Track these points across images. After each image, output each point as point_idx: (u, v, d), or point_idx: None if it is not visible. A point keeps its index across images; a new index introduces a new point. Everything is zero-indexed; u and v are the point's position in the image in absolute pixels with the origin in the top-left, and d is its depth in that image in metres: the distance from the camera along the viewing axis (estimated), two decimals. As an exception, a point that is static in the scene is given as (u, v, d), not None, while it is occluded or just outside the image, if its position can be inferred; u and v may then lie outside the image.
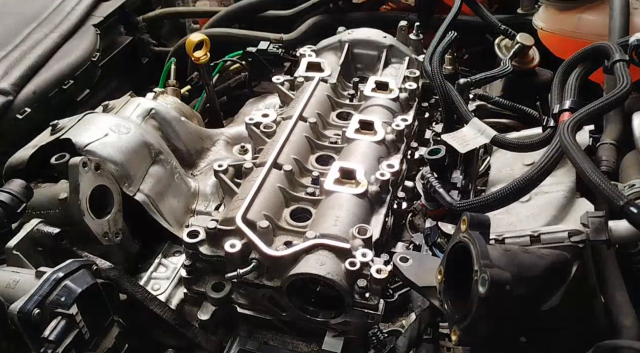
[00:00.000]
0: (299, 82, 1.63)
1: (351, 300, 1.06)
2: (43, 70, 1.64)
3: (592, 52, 1.27)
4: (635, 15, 1.44)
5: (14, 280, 1.03)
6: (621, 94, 1.11)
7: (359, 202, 1.20)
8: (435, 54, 1.55)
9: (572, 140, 1.03)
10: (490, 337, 0.95)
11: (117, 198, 1.31)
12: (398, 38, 1.81)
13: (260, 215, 1.16)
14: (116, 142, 1.39)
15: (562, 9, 1.62)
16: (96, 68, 1.81)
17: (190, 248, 1.15)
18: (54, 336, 0.95)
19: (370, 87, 1.57)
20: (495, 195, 1.11)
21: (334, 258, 1.08)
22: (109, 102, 1.59)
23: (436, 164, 1.34)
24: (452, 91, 1.47)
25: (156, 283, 1.36)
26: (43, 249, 1.17)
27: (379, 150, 1.36)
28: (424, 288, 1.06)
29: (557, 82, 1.28)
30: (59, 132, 1.39)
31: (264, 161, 1.28)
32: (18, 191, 1.15)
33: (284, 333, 1.17)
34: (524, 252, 0.95)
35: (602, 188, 0.93)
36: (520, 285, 0.88)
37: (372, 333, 1.13)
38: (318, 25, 2.19)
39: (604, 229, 0.97)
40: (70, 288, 0.99)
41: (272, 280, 1.10)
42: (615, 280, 1.03)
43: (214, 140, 1.75)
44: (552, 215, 1.11)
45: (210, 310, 1.15)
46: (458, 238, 0.96)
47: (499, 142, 1.32)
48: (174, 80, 2.03)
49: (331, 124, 1.51)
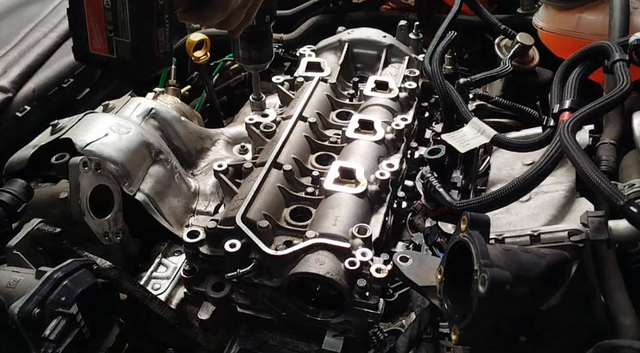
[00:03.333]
0: (298, 82, 1.63)
1: (351, 299, 1.07)
2: (42, 68, 1.64)
3: (592, 52, 1.27)
4: (635, 15, 1.44)
5: (14, 279, 1.03)
6: (621, 93, 1.11)
7: (358, 202, 1.20)
8: (435, 53, 1.55)
9: (572, 140, 1.03)
10: (490, 337, 0.95)
11: (117, 198, 1.32)
12: (398, 38, 1.81)
13: (260, 215, 1.16)
14: (116, 142, 1.39)
15: (562, 8, 1.62)
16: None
17: (190, 248, 1.15)
18: (54, 336, 0.95)
19: (370, 86, 1.57)
20: (495, 195, 1.11)
21: (333, 257, 1.08)
22: (109, 102, 1.59)
23: (436, 163, 1.34)
24: (452, 91, 1.47)
25: (156, 283, 1.36)
26: (43, 249, 1.17)
27: (378, 149, 1.36)
28: (424, 287, 1.06)
29: (557, 82, 1.28)
30: (59, 132, 1.39)
31: (264, 161, 1.28)
32: (18, 191, 1.15)
33: (284, 333, 1.18)
34: (523, 252, 0.95)
35: (602, 188, 0.93)
36: (520, 284, 0.88)
37: (372, 333, 1.13)
38: (318, 25, 2.20)
39: (603, 229, 0.96)
40: (71, 288, 0.99)
41: (272, 280, 1.10)
42: (615, 279, 1.03)
43: (214, 140, 1.75)
44: (552, 215, 1.11)
45: (210, 310, 1.15)
46: (458, 237, 0.96)
47: (499, 142, 1.32)
48: (174, 80, 2.03)
49: (331, 124, 1.51)
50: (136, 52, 0.82)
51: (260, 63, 1.35)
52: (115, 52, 0.82)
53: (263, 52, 1.33)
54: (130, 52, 0.82)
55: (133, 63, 0.83)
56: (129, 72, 0.86)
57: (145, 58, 0.84)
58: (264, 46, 1.32)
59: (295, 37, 2.15)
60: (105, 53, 0.83)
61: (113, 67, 0.85)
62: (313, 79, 1.59)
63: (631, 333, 0.97)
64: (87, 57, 0.85)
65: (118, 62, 0.83)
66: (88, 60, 0.85)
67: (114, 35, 0.81)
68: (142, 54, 0.83)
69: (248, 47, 1.31)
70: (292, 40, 2.14)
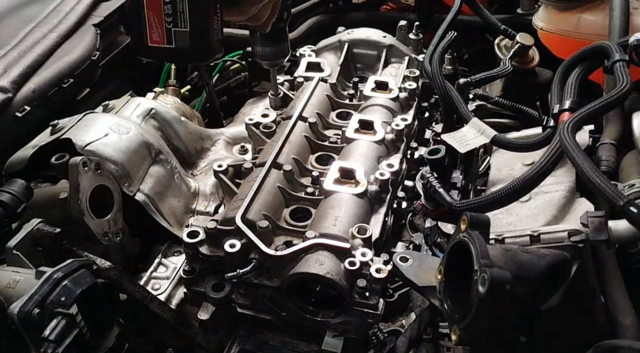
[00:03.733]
0: (298, 82, 1.63)
1: (351, 299, 1.06)
2: (42, 68, 1.64)
3: (592, 52, 1.27)
4: (635, 15, 1.44)
5: (14, 280, 1.03)
6: (621, 94, 1.11)
7: (358, 202, 1.20)
8: (435, 53, 1.55)
9: (572, 140, 1.03)
10: (490, 337, 0.95)
11: (117, 198, 1.32)
12: (398, 38, 1.81)
13: (260, 215, 1.16)
14: (116, 142, 1.39)
15: (562, 9, 1.62)
16: (96, 67, 1.81)
17: (190, 248, 1.15)
18: (54, 336, 0.95)
19: (370, 86, 1.57)
20: (495, 195, 1.11)
21: (333, 258, 1.08)
22: (109, 102, 1.59)
23: (436, 163, 1.34)
24: (452, 91, 1.47)
25: (156, 283, 1.36)
26: (43, 249, 1.17)
27: (378, 149, 1.36)
28: (424, 288, 1.06)
29: (557, 82, 1.28)
30: (59, 132, 1.39)
31: (264, 161, 1.28)
32: (18, 191, 1.15)
33: (284, 333, 1.17)
34: (523, 252, 0.95)
35: (602, 188, 0.93)
36: (520, 284, 0.88)
37: (372, 333, 1.13)
38: (318, 25, 2.20)
39: (603, 229, 0.97)
40: (71, 288, 0.99)
41: (272, 280, 1.10)
42: (615, 280, 1.03)
43: (214, 140, 1.75)
44: (552, 215, 1.11)
45: (210, 310, 1.15)
46: (458, 238, 0.96)
47: (499, 142, 1.32)
48: (174, 80, 2.03)
49: (331, 124, 1.51)
50: (195, 39, 0.91)
51: (277, 59, 1.40)
52: (175, 42, 0.91)
53: (279, 49, 1.38)
54: (189, 40, 0.91)
55: (192, 50, 0.92)
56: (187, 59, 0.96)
57: (203, 45, 0.93)
58: (280, 42, 1.38)
59: (295, 38, 2.15)
60: (163, 44, 0.92)
61: (171, 57, 0.96)
62: (313, 79, 1.59)
63: (631, 333, 0.97)
64: (145, 51, 0.94)
65: (176, 51, 0.92)
66: (146, 53, 0.94)
67: (172, 26, 0.90)
68: (200, 41, 0.92)
69: (265, 44, 1.35)
70: (292, 41, 2.12)
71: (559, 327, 0.98)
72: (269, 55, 1.39)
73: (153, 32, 0.91)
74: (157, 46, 0.92)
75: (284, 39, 1.38)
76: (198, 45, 0.92)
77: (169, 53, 0.93)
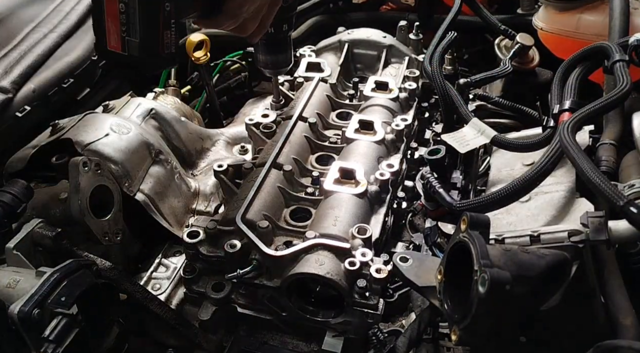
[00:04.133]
0: (298, 82, 1.63)
1: (351, 299, 1.07)
2: (43, 68, 1.64)
3: (592, 52, 1.27)
4: (635, 15, 1.44)
5: (14, 280, 1.03)
6: (621, 94, 1.11)
7: (358, 202, 1.20)
8: (435, 54, 1.55)
9: (572, 140, 1.03)
10: (490, 337, 0.95)
11: (117, 198, 1.32)
12: (398, 38, 1.81)
13: (260, 215, 1.16)
14: (116, 142, 1.39)
15: (562, 9, 1.62)
16: (96, 67, 1.81)
17: (190, 248, 1.15)
18: (54, 336, 0.95)
19: (370, 87, 1.57)
20: (495, 195, 1.11)
21: (333, 258, 1.08)
22: (109, 102, 1.59)
23: (436, 164, 1.34)
24: (452, 91, 1.47)
25: (156, 283, 1.36)
26: (43, 249, 1.17)
27: (378, 150, 1.36)
28: (424, 288, 1.06)
29: (557, 82, 1.28)
30: (59, 132, 1.39)
31: (264, 161, 1.28)
32: (18, 191, 1.15)
33: (284, 333, 1.18)
34: (523, 252, 0.95)
35: (602, 188, 0.93)
36: (520, 284, 0.88)
37: (372, 333, 1.13)
38: (318, 25, 2.19)
39: (603, 229, 0.97)
40: (71, 288, 0.99)
41: (272, 280, 1.10)
42: (615, 280, 1.03)
43: (214, 140, 1.75)
44: (552, 215, 1.11)
45: (210, 310, 1.15)
46: (458, 238, 0.96)
47: (499, 142, 1.32)
48: (174, 80, 2.03)
49: (331, 124, 1.51)
50: (143, 50, 0.92)
51: (278, 68, 1.40)
52: (127, 50, 0.93)
53: (280, 58, 1.38)
54: (138, 51, 0.92)
55: (140, 60, 0.93)
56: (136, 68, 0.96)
57: (151, 56, 0.94)
58: (281, 53, 1.37)
59: (295, 38, 2.14)
60: (119, 50, 0.94)
61: (125, 64, 0.96)
62: (313, 80, 1.59)
63: (631, 333, 0.97)
64: (105, 53, 0.95)
65: (129, 59, 0.94)
66: (106, 56, 0.96)
67: (126, 35, 0.91)
68: (149, 52, 0.93)
69: (266, 52, 1.36)
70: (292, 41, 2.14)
71: (558, 327, 0.98)
72: (270, 64, 1.39)
73: (111, 37, 0.93)
74: (114, 52, 0.95)
75: (287, 48, 1.37)
76: (147, 56, 0.94)
77: (125, 59, 0.95)
